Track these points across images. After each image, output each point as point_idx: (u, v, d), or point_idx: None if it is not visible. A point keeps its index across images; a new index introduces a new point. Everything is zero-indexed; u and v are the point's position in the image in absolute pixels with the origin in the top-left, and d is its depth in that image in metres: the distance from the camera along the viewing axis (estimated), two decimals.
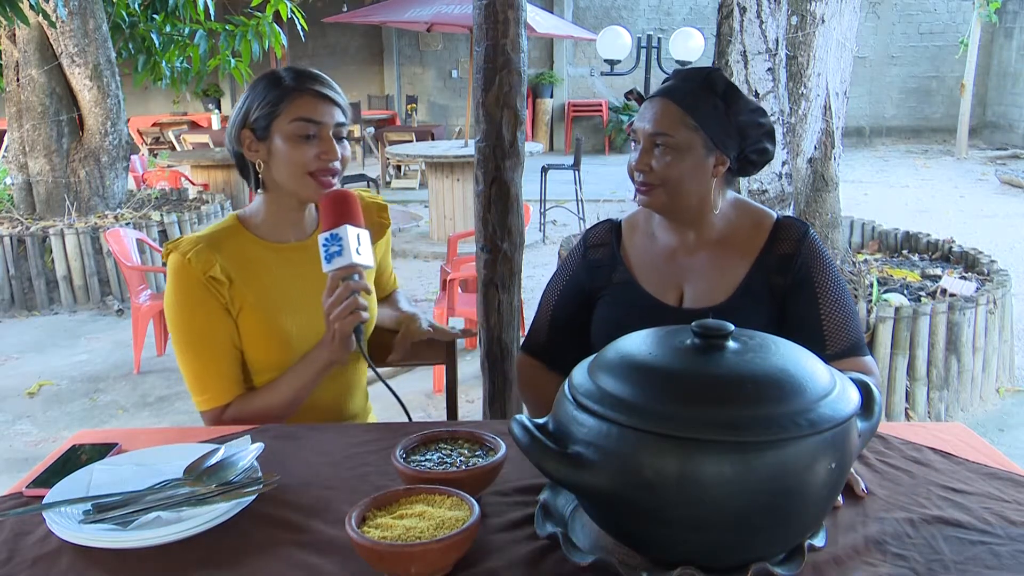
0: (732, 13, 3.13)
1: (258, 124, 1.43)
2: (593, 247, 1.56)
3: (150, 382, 4.06)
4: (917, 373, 3.34)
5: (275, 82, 1.43)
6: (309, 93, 1.42)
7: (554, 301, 1.58)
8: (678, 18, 13.05)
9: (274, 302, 1.48)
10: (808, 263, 1.41)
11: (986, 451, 1.21)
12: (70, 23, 5.55)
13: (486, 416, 2.25)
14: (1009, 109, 12.87)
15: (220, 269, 1.43)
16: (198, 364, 1.44)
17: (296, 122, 1.40)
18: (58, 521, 0.99)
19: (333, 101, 1.44)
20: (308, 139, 1.41)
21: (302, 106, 1.41)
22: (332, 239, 1.34)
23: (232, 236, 1.49)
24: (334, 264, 1.33)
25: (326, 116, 1.43)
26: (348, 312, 1.34)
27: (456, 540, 0.86)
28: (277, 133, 1.42)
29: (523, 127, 2.11)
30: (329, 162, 1.43)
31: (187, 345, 1.44)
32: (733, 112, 1.39)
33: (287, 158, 1.42)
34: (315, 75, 1.46)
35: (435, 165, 6.69)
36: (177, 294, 1.44)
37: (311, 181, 1.43)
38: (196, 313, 1.43)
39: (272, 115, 1.41)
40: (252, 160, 1.46)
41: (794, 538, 0.87)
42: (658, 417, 0.81)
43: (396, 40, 13.79)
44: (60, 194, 5.87)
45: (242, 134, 1.45)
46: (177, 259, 1.43)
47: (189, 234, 1.49)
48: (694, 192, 1.40)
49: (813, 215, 3.84)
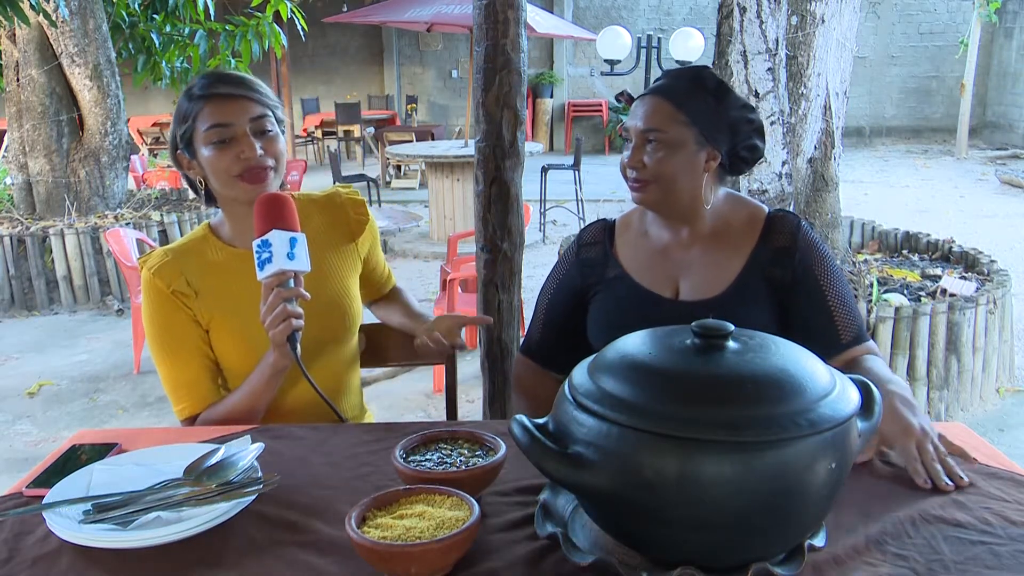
0: (732, 13, 3.13)
1: (184, 142, 1.44)
2: (586, 245, 1.57)
3: (150, 382, 4.05)
4: (917, 373, 3.34)
5: (188, 96, 1.44)
6: (215, 98, 1.41)
7: (547, 301, 1.59)
8: (678, 18, 13.05)
9: (245, 309, 1.47)
10: (807, 258, 1.42)
11: (986, 451, 1.21)
12: (70, 23, 5.55)
13: (486, 416, 2.25)
14: (1009, 109, 12.87)
15: (185, 282, 1.45)
16: (172, 375, 1.47)
17: (209, 130, 1.41)
18: (58, 521, 0.99)
19: (243, 97, 1.42)
20: (225, 143, 1.41)
21: (211, 113, 1.40)
22: (263, 245, 1.32)
23: (201, 246, 1.51)
24: (266, 271, 1.31)
25: (236, 116, 1.41)
26: (280, 321, 1.32)
27: (456, 540, 0.86)
28: (199, 146, 1.42)
29: (523, 127, 2.11)
30: (249, 161, 1.41)
31: (160, 358, 1.48)
32: (723, 108, 1.40)
33: (213, 167, 1.42)
34: (222, 76, 1.44)
35: (435, 165, 6.69)
36: (148, 307, 1.47)
37: (241, 183, 1.42)
38: (166, 326, 1.46)
39: (191, 130, 1.42)
40: (192, 178, 1.48)
41: (794, 538, 0.87)
42: (658, 417, 0.81)
43: (396, 40, 13.79)
44: (60, 194, 5.87)
45: (178, 156, 1.47)
46: (145, 274, 1.46)
47: (159, 248, 1.51)
48: (687, 187, 1.41)
49: (813, 215, 3.84)
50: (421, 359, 1.81)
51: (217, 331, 1.48)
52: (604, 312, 1.50)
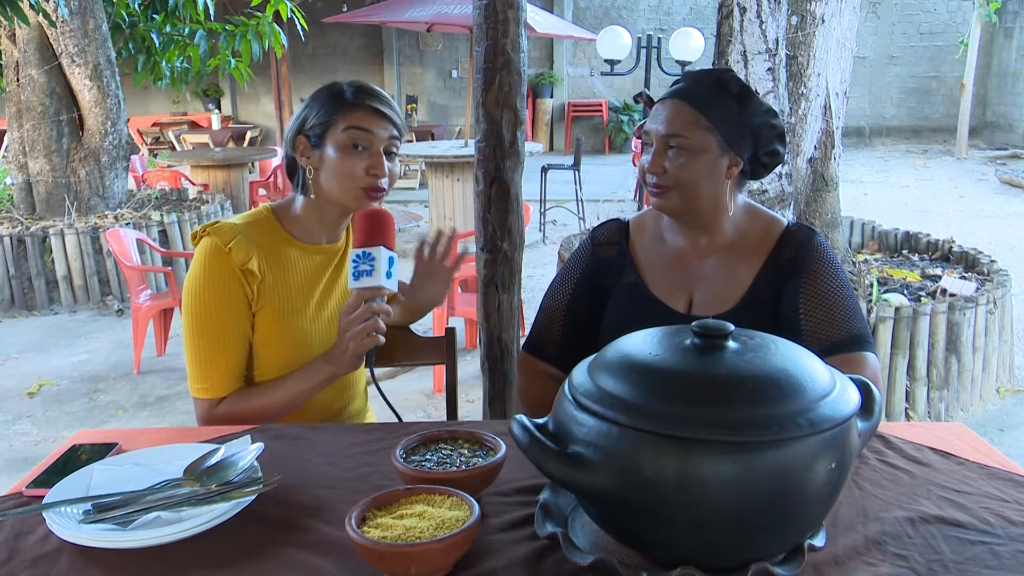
0: (732, 13, 3.13)
1: (313, 131, 1.45)
2: (601, 245, 1.54)
3: (150, 382, 4.06)
4: (917, 373, 3.34)
5: (336, 94, 1.45)
6: (365, 107, 1.44)
7: (567, 300, 1.54)
8: (678, 18, 13.05)
9: (296, 302, 1.48)
10: (800, 260, 1.40)
11: (986, 451, 1.21)
12: (70, 23, 5.55)
13: (486, 416, 2.25)
14: (1009, 109, 12.87)
15: (257, 263, 1.43)
16: (205, 353, 1.43)
17: (349, 130, 1.42)
18: (58, 521, 0.99)
19: (388, 118, 1.46)
20: (358, 150, 1.43)
21: (357, 117, 1.43)
22: (364, 257, 1.33)
23: (267, 230, 1.49)
24: (361, 282, 1.33)
25: (378, 129, 1.44)
26: (366, 334, 1.34)
27: (456, 540, 0.86)
28: (330, 141, 1.43)
29: (523, 127, 2.11)
30: (377, 178, 1.44)
31: (199, 332, 1.43)
32: (747, 113, 1.37)
33: (336, 167, 1.43)
34: (375, 92, 1.48)
35: (435, 165, 6.69)
36: (203, 279, 1.42)
37: (359, 192, 1.45)
38: (219, 302, 1.42)
39: (328, 124, 1.43)
40: (303, 165, 1.47)
41: (794, 538, 0.87)
42: (658, 417, 0.81)
43: (396, 40, 13.79)
44: (60, 194, 5.87)
45: (297, 139, 1.47)
46: (213, 244, 1.42)
47: (224, 220, 1.47)
48: (708, 194, 1.39)
49: (813, 215, 3.84)
50: (421, 359, 1.82)
51: (265, 318, 1.46)
52: (615, 320, 1.47)
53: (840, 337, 1.35)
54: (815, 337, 1.35)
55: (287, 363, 1.47)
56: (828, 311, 1.37)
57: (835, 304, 1.37)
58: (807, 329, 1.36)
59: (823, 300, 1.37)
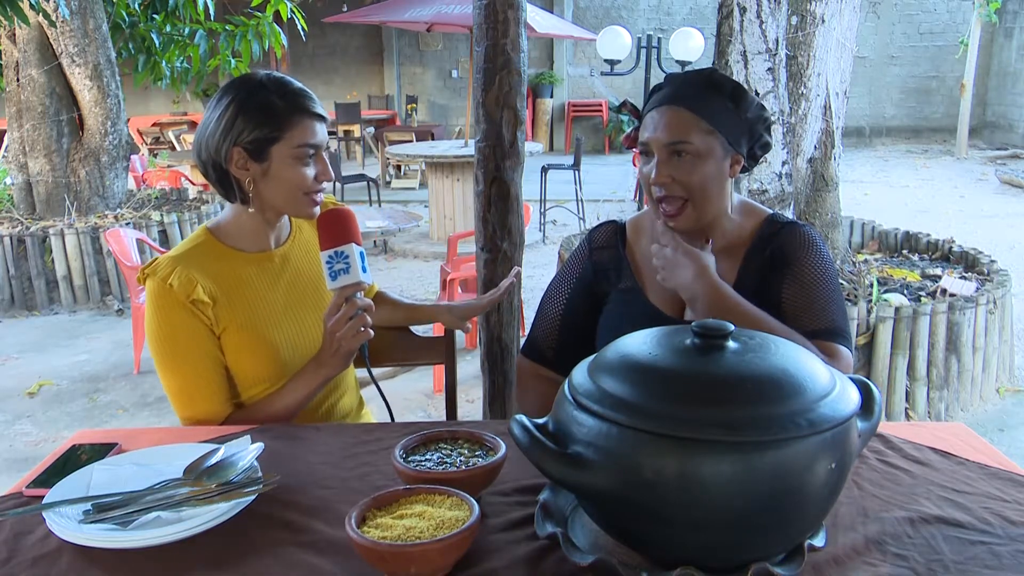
0: (732, 13, 3.13)
1: (254, 146, 1.40)
2: (598, 249, 1.54)
3: (150, 382, 4.05)
4: (917, 373, 3.34)
5: (268, 106, 1.39)
6: (307, 116, 1.41)
7: (563, 304, 1.53)
8: (678, 18, 13.05)
9: (259, 315, 1.47)
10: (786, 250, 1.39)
11: (986, 451, 1.21)
12: (70, 23, 5.55)
13: (486, 416, 2.25)
14: (1009, 109, 12.87)
15: (203, 290, 1.41)
16: (187, 384, 1.42)
17: (300, 148, 1.40)
18: (58, 521, 0.99)
19: (323, 117, 1.45)
20: (307, 161, 1.42)
21: (303, 131, 1.41)
22: (338, 256, 1.34)
23: (209, 252, 1.47)
24: (340, 282, 1.34)
25: (321, 134, 1.44)
26: (355, 331, 1.35)
27: (456, 540, 0.86)
28: (276, 156, 1.41)
29: (523, 127, 2.11)
30: (325, 182, 1.45)
31: (173, 369, 1.42)
32: (742, 110, 1.37)
33: (286, 180, 1.42)
34: (303, 93, 1.44)
35: (435, 165, 6.69)
36: (158, 319, 1.41)
37: (306, 199, 1.44)
38: (178, 338, 1.41)
39: (272, 140, 1.40)
40: (241, 178, 1.43)
41: (794, 538, 0.87)
42: (658, 417, 0.81)
43: (396, 40, 13.79)
44: (60, 194, 5.87)
45: (232, 152, 1.41)
46: (156, 284, 1.41)
47: (162, 256, 1.46)
48: (716, 198, 1.38)
49: (813, 215, 3.84)
50: (421, 359, 1.82)
51: (232, 338, 1.45)
52: (610, 324, 1.47)
53: (817, 326, 1.34)
54: (793, 324, 1.34)
55: (266, 376, 1.47)
56: (808, 299, 1.36)
57: (817, 293, 1.36)
58: (787, 314, 1.35)
59: (805, 287, 1.36)
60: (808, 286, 1.36)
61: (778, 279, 1.39)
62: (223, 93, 1.43)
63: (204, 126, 1.44)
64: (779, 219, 1.45)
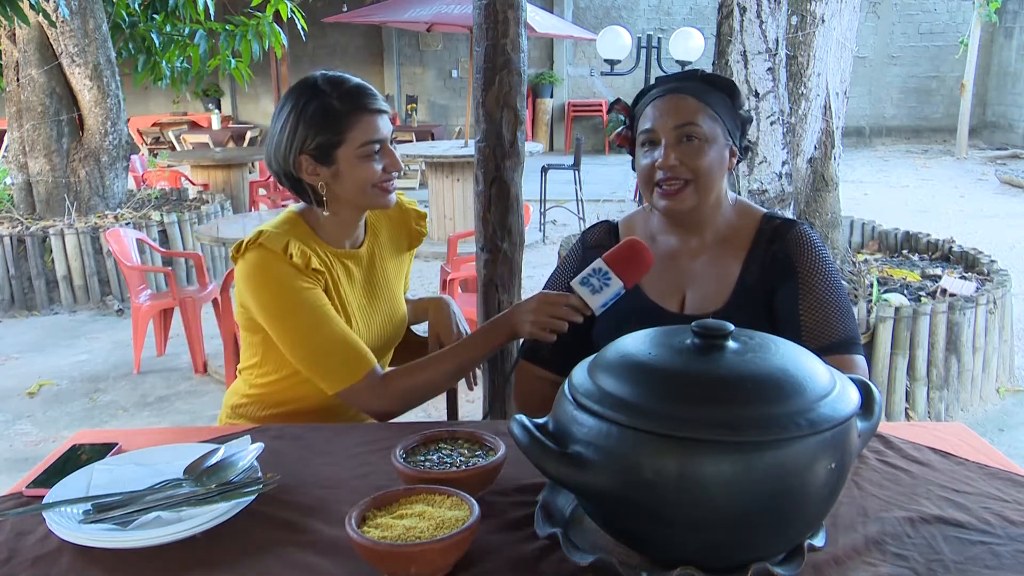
0: (732, 13, 3.13)
1: (320, 151, 1.41)
2: (592, 248, 1.54)
3: (150, 382, 4.05)
4: (917, 373, 3.34)
5: (327, 109, 1.40)
6: (366, 113, 1.42)
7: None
8: (678, 18, 13.05)
9: (340, 308, 1.48)
10: (792, 256, 1.40)
11: (986, 451, 1.21)
12: (70, 23, 5.55)
13: (486, 416, 2.25)
14: (1009, 109, 12.87)
15: (317, 261, 1.42)
16: (335, 343, 1.39)
17: (364, 146, 1.41)
18: (58, 521, 0.99)
19: (384, 111, 1.46)
20: (373, 156, 1.43)
21: (366, 130, 1.41)
22: (606, 280, 1.31)
23: (306, 236, 1.47)
24: (581, 291, 1.32)
25: (384, 129, 1.45)
26: (551, 328, 1.35)
27: (456, 540, 0.86)
28: (343, 157, 1.42)
29: (523, 127, 2.11)
30: (395, 172, 1.46)
31: (314, 331, 1.38)
32: (737, 105, 1.42)
33: (356, 177, 1.43)
34: (361, 89, 1.44)
35: (435, 165, 6.69)
36: (281, 289, 1.38)
37: (377, 191, 1.46)
38: (309, 300, 1.39)
39: (337, 143, 1.41)
40: (314, 183, 1.44)
41: (794, 538, 0.87)
42: (658, 417, 0.81)
43: (396, 40, 13.79)
44: (60, 194, 5.87)
45: (299, 160, 1.42)
46: (268, 256, 1.38)
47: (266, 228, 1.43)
48: (717, 186, 1.40)
49: (813, 215, 3.84)
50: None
51: None
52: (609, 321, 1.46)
53: (834, 339, 1.36)
54: (812, 338, 1.35)
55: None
56: (824, 313, 1.37)
57: (831, 306, 1.38)
58: (805, 329, 1.37)
59: (820, 302, 1.38)
60: (824, 302, 1.37)
61: (787, 290, 1.39)
62: (284, 101, 1.45)
63: (270, 138, 1.46)
64: (775, 217, 1.47)
